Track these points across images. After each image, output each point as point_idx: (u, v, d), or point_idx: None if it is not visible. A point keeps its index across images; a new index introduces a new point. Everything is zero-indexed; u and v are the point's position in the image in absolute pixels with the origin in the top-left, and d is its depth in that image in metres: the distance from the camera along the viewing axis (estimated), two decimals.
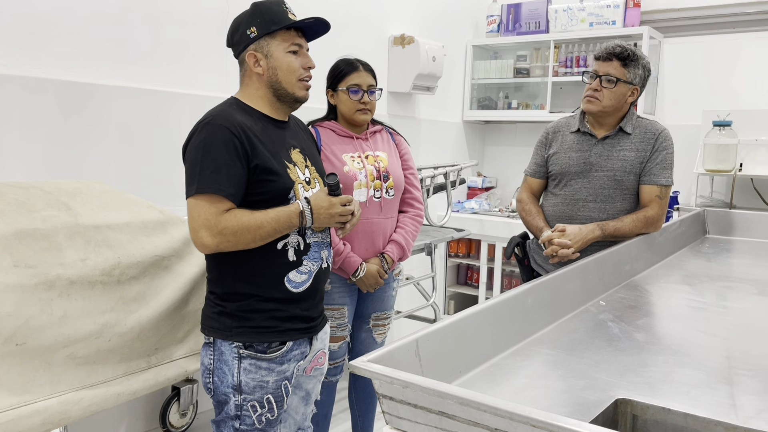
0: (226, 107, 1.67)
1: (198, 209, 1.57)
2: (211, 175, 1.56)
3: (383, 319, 2.51)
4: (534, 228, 2.41)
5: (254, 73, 1.70)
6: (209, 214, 1.56)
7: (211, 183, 1.56)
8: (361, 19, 3.69)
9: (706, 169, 3.79)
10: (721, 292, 2.11)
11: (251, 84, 1.72)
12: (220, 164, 1.57)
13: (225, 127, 1.59)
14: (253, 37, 1.67)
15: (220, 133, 1.58)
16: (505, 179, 4.94)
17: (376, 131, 2.45)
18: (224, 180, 1.56)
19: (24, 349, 1.54)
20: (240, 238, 1.57)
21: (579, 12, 4.28)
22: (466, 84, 4.74)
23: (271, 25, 1.66)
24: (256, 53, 1.68)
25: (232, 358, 1.65)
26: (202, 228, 1.56)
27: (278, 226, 1.61)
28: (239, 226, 1.57)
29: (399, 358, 1.16)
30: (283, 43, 1.68)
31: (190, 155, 1.62)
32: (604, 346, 1.52)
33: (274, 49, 1.67)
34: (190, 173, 1.60)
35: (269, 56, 1.68)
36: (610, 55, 2.27)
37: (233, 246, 1.59)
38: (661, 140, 2.31)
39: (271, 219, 1.60)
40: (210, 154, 1.57)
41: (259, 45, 1.68)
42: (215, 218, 1.56)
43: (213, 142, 1.58)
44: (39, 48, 2.21)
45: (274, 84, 1.69)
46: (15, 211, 1.63)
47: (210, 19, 2.78)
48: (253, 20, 1.68)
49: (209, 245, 1.58)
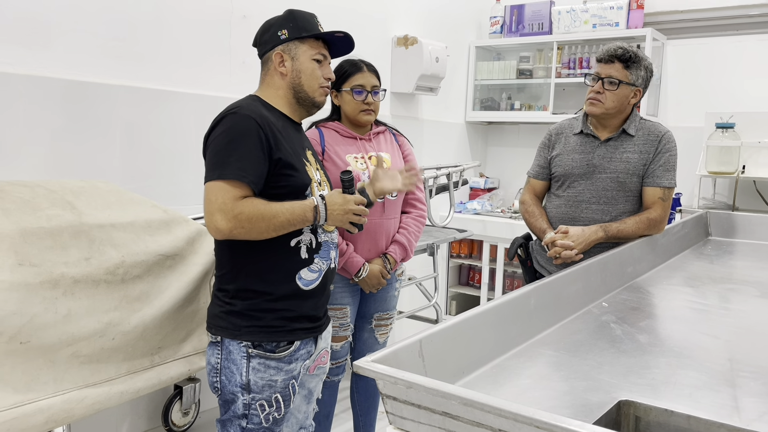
0: (251, 101, 1.70)
1: (216, 192, 1.57)
2: (236, 162, 1.57)
3: (385, 319, 2.52)
4: (537, 229, 2.41)
5: (278, 71, 1.74)
6: (227, 198, 1.56)
7: (235, 169, 1.57)
8: (365, 20, 3.69)
9: (708, 171, 3.79)
10: (724, 294, 2.11)
11: (273, 83, 1.76)
12: (245, 153, 1.58)
13: (252, 117, 1.61)
14: (283, 39, 1.73)
15: (246, 123, 1.61)
16: (507, 180, 4.94)
17: (379, 132, 2.45)
18: (248, 167, 1.58)
19: (28, 347, 1.55)
20: (254, 225, 1.58)
21: (582, 13, 4.28)
22: (469, 85, 4.75)
23: (303, 31, 1.73)
24: (283, 53, 1.73)
25: (241, 357, 1.66)
26: (217, 211, 1.57)
27: (292, 218, 1.62)
28: (255, 212, 1.57)
29: (402, 358, 1.17)
30: (310, 50, 1.74)
31: (214, 142, 1.63)
32: (607, 347, 1.52)
33: (301, 53, 1.73)
34: (215, 159, 1.61)
35: (295, 59, 1.73)
36: (611, 57, 2.27)
37: (246, 233, 1.59)
38: (665, 142, 2.31)
39: (286, 210, 1.61)
40: (235, 142, 1.59)
41: (288, 47, 1.73)
42: (232, 203, 1.56)
43: (239, 131, 1.60)
44: (44, 47, 2.22)
45: (296, 86, 1.74)
46: (20, 210, 1.64)
47: (215, 19, 2.79)
48: (286, 24, 1.74)
49: (223, 229, 1.57)
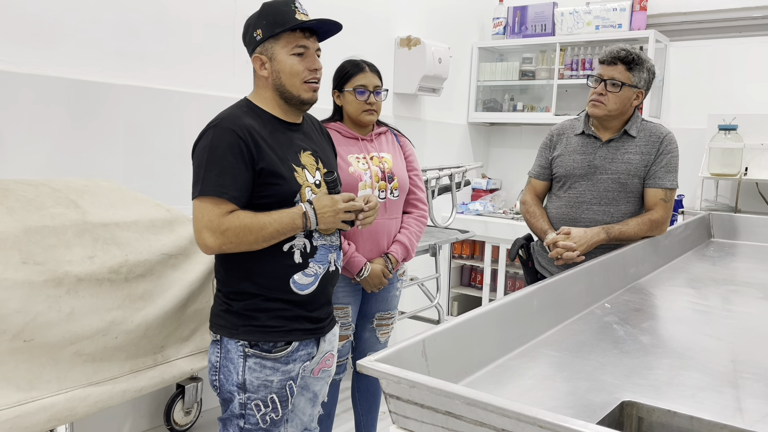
0: (236, 110, 1.68)
1: (201, 211, 1.58)
2: (216, 178, 1.57)
3: (387, 319, 2.52)
4: (538, 230, 2.41)
5: (261, 76, 1.70)
6: (212, 215, 1.57)
7: (214, 186, 1.57)
8: (368, 21, 3.70)
9: (711, 173, 3.79)
10: (726, 295, 2.11)
11: (260, 86, 1.73)
12: (225, 167, 1.57)
13: (231, 130, 1.59)
14: (259, 40, 1.66)
15: (226, 136, 1.59)
16: (509, 181, 4.94)
17: (381, 133, 2.46)
18: (228, 183, 1.57)
19: (32, 345, 1.55)
20: (242, 239, 1.58)
21: (585, 15, 4.28)
22: (471, 86, 4.75)
23: (275, 28, 1.63)
24: (261, 56, 1.67)
25: (238, 356, 1.66)
26: (204, 229, 1.57)
27: (281, 228, 1.61)
28: (241, 227, 1.57)
29: (406, 357, 1.17)
30: (286, 45, 1.65)
31: (196, 157, 1.63)
32: (610, 348, 1.52)
33: (277, 51, 1.65)
34: (196, 175, 1.61)
35: (273, 59, 1.66)
36: (614, 59, 2.27)
37: (236, 247, 1.59)
38: (666, 143, 2.31)
39: (273, 221, 1.60)
40: (215, 157, 1.58)
41: (264, 48, 1.66)
42: (218, 219, 1.56)
43: (219, 145, 1.58)
44: (48, 47, 2.22)
45: (279, 87, 1.68)
46: (24, 209, 1.64)
47: (218, 19, 2.79)
48: (260, 22, 1.67)
49: (212, 246, 1.59)
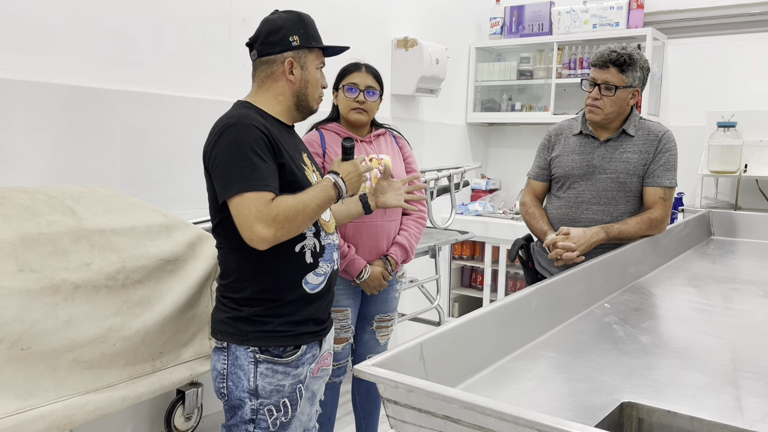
0: (245, 110, 1.68)
1: (247, 205, 1.55)
2: (252, 173, 1.56)
3: (386, 321, 2.51)
4: (538, 231, 2.40)
5: (284, 78, 1.72)
6: (260, 205, 1.54)
7: (254, 180, 1.56)
8: (365, 22, 3.69)
9: (710, 171, 3.78)
10: (727, 294, 2.10)
11: (273, 88, 1.73)
12: (257, 162, 1.57)
13: (253, 126, 1.60)
14: (295, 46, 1.71)
15: (250, 132, 1.59)
16: (509, 181, 4.93)
17: (379, 134, 2.45)
18: (265, 176, 1.57)
19: (29, 353, 1.55)
20: (293, 222, 1.57)
21: (582, 14, 4.27)
22: (469, 86, 4.74)
23: (312, 41, 1.74)
24: (294, 61, 1.72)
25: (248, 362, 1.65)
26: (256, 221, 1.54)
27: (321, 202, 1.63)
28: (290, 210, 1.56)
29: (403, 361, 1.16)
30: (316, 60, 1.76)
31: (221, 157, 1.60)
32: (609, 349, 1.51)
33: (309, 63, 1.74)
34: (227, 176, 1.58)
35: (305, 68, 1.73)
36: (606, 62, 2.26)
37: (287, 233, 1.58)
38: (664, 142, 2.30)
39: (312, 197, 1.62)
40: (244, 154, 1.57)
41: (298, 55, 1.72)
42: (266, 208, 1.55)
43: (244, 142, 1.58)
44: (44, 53, 2.22)
45: (300, 94, 1.74)
46: (20, 216, 1.64)
47: (214, 23, 2.79)
48: (297, 29, 1.72)
49: (267, 237, 1.55)
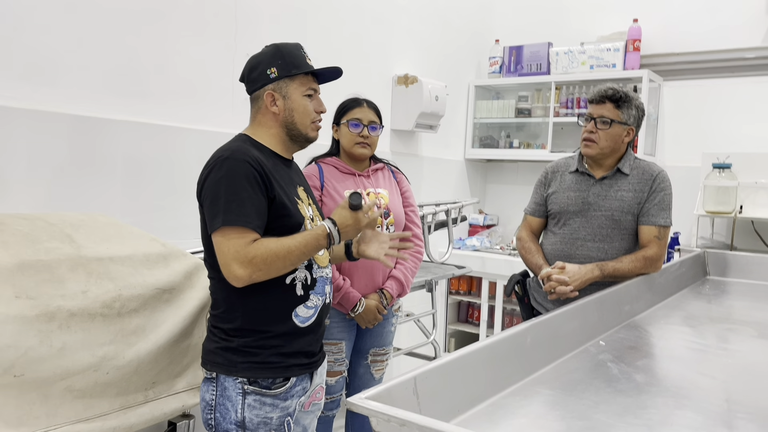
0: (241, 143, 1.70)
1: (226, 243, 1.58)
2: (237, 208, 1.58)
3: (381, 355, 2.50)
4: (533, 265, 2.41)
5: (269, 111, 1.74)
6: (238, 246, 1.57)
7: (237, 216, 1.57)
8: (366, 58, 3.76)
9: (706, 211, 3.81)
10: (722, 334, 2.10)
11: (264, 122, 1.76)
12: (244, 197, 1.59)
13: (245, 161, 1.61)
14: (273, 78, 1.72)
15: (241, 167, 1.61)
16: (506, 217, 4.96)
17: (378, 169, 2.48)
18: (250, 212, 1.59)
19: (22, 380, 1.54)
20: (271, 266, 1.58)
21: (579, 55, 4.36)
22: (468, 123, 4.80)
23: (292, 69, 1.73)
24: (274, 93, 1.73)
25: (236, 393, 1.64)
26: (233, 261, 1.57)
27: (307, 250, 1.63)
28: (269, 253, 1.57)
29: (397, 395, 1.16)
30: (300, 86, 1.74)
31: (211, 190, 1.62)
32: (604, 386, 1.51)
33: (292, 91, 1.73)
34: (214, 207, 1.61)
35: (287, 97, 1.73)
36: (602, 98, 2.32)
37: (265, 275, 1.59)
38: (659, 181, 2.33)
39: (299, 243, 1.62)
40: (233, 188, 1.59)
41: (278, 86, 1.73)
42: (244, 249, 1.56)
43: (235, 176, 1.60)
44: (49, 83, 2.26)
45: (288, 124, 1.75)
46: (19, 243, 1.64)
47: (218, 57, 2.84)
48: (274, 61, 1.73)
49: (242, 277, 1.57)
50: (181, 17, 2.66)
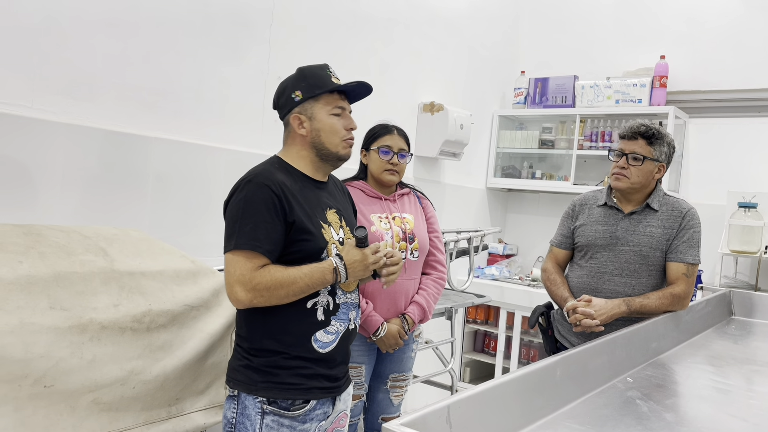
0: (269, 166, 1.72)
1: (234, 265, 1.60)
2: (250, 231, 1.60)
3: (401, 381, 2.49)
4: (558, 298, 2.40)
5: (298, 134, 1.75)
6: (244, 269, 1.59)
7: (248, 239, 1.59)
8: (394, 86, 3.80)
9: (731, 250, 3.77)
10: (749, 375, 2.07)
11: (294, 145, 1.78)
12: (259, 221, 1.60)
13: (266, 185, 1.63)
14: (298, 101, 1.74)
15: (261, 191, 1.62)
16: (526, 247, 4.94)
17: (404, 194, 2.49)
18: (262, 237, 1.60)
19: (52, 391, 1.55)
20: (273, 293, 1.60)
21: (605, 89, 4.37)
22: (491, 152, 4.82)
23: (315, 89, 1.73)
24: (300, 116, 1.74)
25: (255, 412, 1.64)
26: (236, 283, 1.60)
27: (311, 282, 1.64)
28: (273, 282, 1.59)
29: (430, 423, 1.16)
30: (326, 106, 1.74)
31: (231, 211, 1.66)
32: (634, 424, 1.49)
33: (317, 111, 1.73)
34: (230, 229, 1.64)
35: (313, 118, 1.73)
36: (635, 134, 2.31)
37: (266, 301, 1.61)
38: (689, 219, 2.32)
39: (304, 275, 1.62)
40: (250, 211, 1.61)
41: (303, 108, 1.74)
42: (250, 274, 1.59)
43: (254, 200, 1.62)
44: (88, 98, 2.30)
45: (317, 145, 1.75)
46: (55, 254, 1.67)
47: (251, 79, 2.89)
48: (298, 84, 1.75)
49: (243, 300, 1.61)
50: (216, 40, 2.72)
